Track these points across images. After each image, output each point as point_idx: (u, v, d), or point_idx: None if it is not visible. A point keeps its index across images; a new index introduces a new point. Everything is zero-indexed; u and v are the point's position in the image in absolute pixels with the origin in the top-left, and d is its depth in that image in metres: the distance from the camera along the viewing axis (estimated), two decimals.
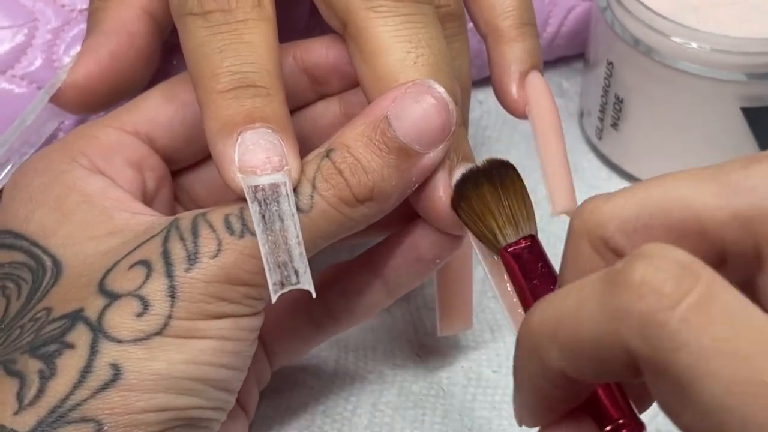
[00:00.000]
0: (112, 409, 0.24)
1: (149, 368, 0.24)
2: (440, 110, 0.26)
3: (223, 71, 0.25)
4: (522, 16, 0.31)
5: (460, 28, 0.30)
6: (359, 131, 0.26)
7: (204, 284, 0.25)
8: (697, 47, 0.38)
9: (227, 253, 0.25)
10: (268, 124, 0.25)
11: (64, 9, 0.38)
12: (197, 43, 0.26)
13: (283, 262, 0.25)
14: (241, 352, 0.26)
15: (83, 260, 0.26)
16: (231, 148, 0.25)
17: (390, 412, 0.34)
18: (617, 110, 0.41)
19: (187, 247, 0.25)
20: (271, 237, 0.25)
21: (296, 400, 0.35)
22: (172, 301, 0.25)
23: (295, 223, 0.25)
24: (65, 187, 0.28)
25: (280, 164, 0.25)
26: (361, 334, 0.37)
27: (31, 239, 0.27)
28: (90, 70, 0.31)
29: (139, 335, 0.25)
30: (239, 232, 0.25)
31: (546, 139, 0.30)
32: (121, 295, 0.25)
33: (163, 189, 0.31)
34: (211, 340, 0.25)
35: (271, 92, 0.26)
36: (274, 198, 0.25)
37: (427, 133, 0.26)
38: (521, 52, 0.30)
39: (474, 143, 0.45)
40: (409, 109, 0.25)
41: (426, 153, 0.26)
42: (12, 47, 0.37)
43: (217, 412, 0.27)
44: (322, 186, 0.26)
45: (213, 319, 0.25)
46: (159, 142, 0.30)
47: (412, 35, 0.26)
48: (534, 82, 0.30)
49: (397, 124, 0.25)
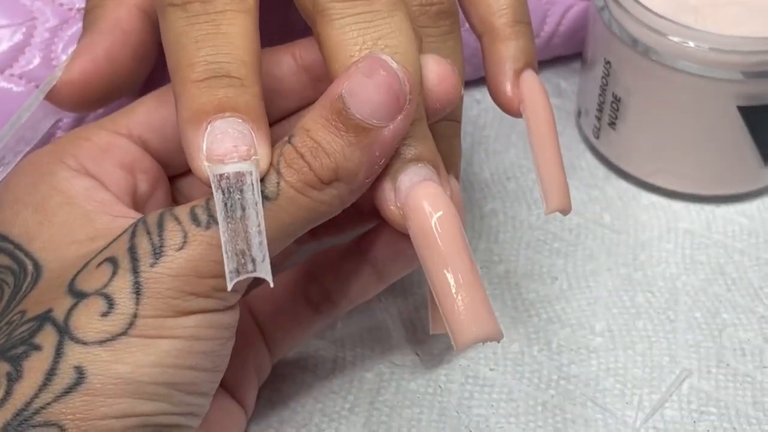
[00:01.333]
0: (74, 413, 0.23)
1: (113, 372, 0.24)
2: (391, 81, 0.25)
3: (198, 61, 0.25)
4: (516, 14, 0.31)
5: (453, 26, 0.30)
6: (317, 113, 0.26)
7: (170, 278, 0.25)
8: (695, 47, 0.38)
9: (193, 245, 0.25)
10: (239, 114, 0.25)
11: (63, 8, 0.38)
12: (175, 33, 0.26)
13: (241, 250, 0.24)
14: (212, 351, 0.26)
15: (62, 264, 0.26)
16: (200, 136, 0.25)
17: (387, 411, 0.34)
18: (615, 110, 0.41)
19: (153, 241, 0.25)
20: (232, 225, 0.24)
21: (294, 399, 0.35)
22: (137, 298, 0.24)
23: (258, 212, 0.24)
24: (50, 187, 0.28)
25: (247, 153, 0.25)
26: (359, 332, 0.37)
27: (15, 242, 0.27)
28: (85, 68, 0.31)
29: (104, 336, 0.24)
30: (205, 223, 0.25)
31: (540, 137, 0.30)
32: (88, 294, 0.25)
33: (158, 191, 0.31)
34: (180, 339, 0.25)
35: (245, 83, 0.25)
36: (238, 187, 0.24)
37: (381, 107, 0.25)
38: (516, 50, 0.30)
39: (471, 142, 0.45)
40: (360, 85, 0.25)
41: (385, 126, 0.25)
42: (10, 46, 0.37)
43: (187, 418, 0.26)
44: (285, 172, 0.25)
45: (181, 315, 0.25)
46: (153, 144, 0.30)
47: (358, 37, 0.26)
48: (528, 81, 0.30)
49: (351, 101, 0.25)
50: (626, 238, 0.41)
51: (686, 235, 0.41)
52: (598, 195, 0.42)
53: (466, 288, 0.26)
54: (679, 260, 0.40)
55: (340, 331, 0.37)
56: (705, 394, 0.35)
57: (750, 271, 0.39)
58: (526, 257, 0.40)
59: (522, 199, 0.42)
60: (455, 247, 0.26)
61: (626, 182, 0.43)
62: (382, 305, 0.38)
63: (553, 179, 0.30)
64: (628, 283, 0.39)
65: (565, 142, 0.45)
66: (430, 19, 0.29)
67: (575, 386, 0.35)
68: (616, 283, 0.39)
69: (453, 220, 0.26)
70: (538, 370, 0.36)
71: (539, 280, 0.39)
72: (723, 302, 0.38)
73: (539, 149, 0.30)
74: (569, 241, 0.40)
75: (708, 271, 0.39)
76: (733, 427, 0.34)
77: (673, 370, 0.36)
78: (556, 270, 0.39)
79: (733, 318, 0.37)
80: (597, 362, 0.36)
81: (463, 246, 0.26)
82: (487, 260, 0.39)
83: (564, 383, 0.35)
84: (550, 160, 0.30)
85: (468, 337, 0.25)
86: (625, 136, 0.42)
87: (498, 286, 0.39)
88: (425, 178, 0.27)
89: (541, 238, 0.40)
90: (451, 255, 0.26)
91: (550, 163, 0.30)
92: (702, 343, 0.37)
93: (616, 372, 0.36)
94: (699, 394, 0.35)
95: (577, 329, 0.37)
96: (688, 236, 0.41)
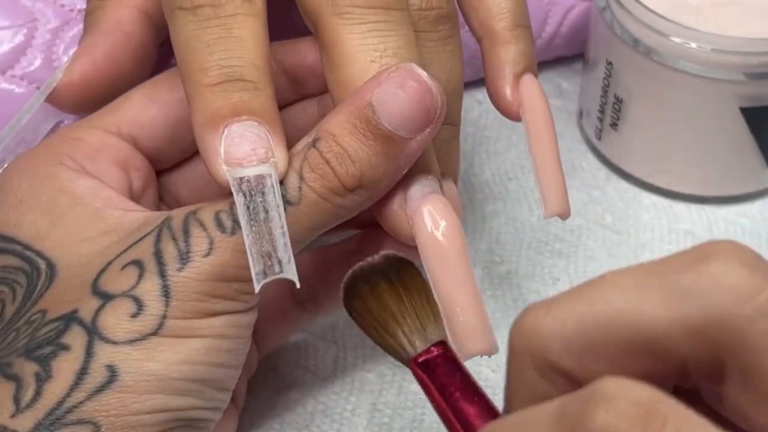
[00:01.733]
0: (108, 411, 0.24)
1: (145, 369, 0.24)
2: (424, 95, 0.25)
3: (211, 65, 0.25)
4: (516, 18, 0.31)
5: (452, 31, 0.30)
6: (344, 118, 0.26)
7: (197, 282, 0.25)
8: (697, 47, 0.38)
9: (219, 251, 0.25)
10: (255, 117, 0.25)
11: (64, 9, 0.38)
12: (186, 37, 0.26)
13: (267, 252, 0.24)
14: (236, 349, 0.26)
15: (77, 261, 0.26)
16: (217, 140, 0.25)
17: (389, 412, 0.34)
18: (616, 110, 0.41)
19: (179, 247, 0.25)
20: (255, 227, 0.25)
21: (295, 400, 0.35)
22: (167, 301, 0.25)
23: (280, 214, 0.25)
24: (55, 190, 0.28)
25: (266, 156, 0.25)
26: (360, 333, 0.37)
27: (24, 243, 0.27)
28: (85, 70, 0.31)
29: (135, 336, 0.25)
30: (230, 229, 0.25)
31: (539, 141, 0.30)
32: (114, 296, 0.25)
33: (150, 189, 0.31)
34: (207, 339, 0.25)
35: (258, 86, 0.26)
36: (259, 189, 0.25)
37: (412, 119, 0.25)
38: (515, 54, 0.30)
39: (473, 143, 0.45)
40: (392, 95, 0.25)
41: (412, 138, 0.25)
42: (12, 47, 0.37)
43: (213, 412, 0.27)
44: (309, 177, 0.25)
45: (208, 317, 0.25)
46: (142, 142, 0.30)
47: (379, 44, 0.26)
48: (528, 85, 0.30)
49: (382, 111, 0.25)
50: (627, 239, 0.40)
51: (687, 236, 0.41)
52: (600, 196, 0.42)
53: (470, 306, 0.26)
54: None
55: (341, 331, 0.37)
56: None
57: None
58: (527, 258, 0.40)
59: (523, 200, 0.42)
60: (461, 263, 0.26)
61: (628, 183, 0.43)
62: None
63: (552, 184, 0.30)
64: None
65: (566, 142, 0.45)
66: (429, 23, 0.29)
67: None
68: None
69: (459, 234, 0.27)
70: None
71: (541, 281, 0.39)
72: None
73: (538, 154, 0.30)
74: (571, 242, 0.40)
75: None
76: None
77: None
78: (558, 271, 0.39)
79: None
80: None
81: (467, 260, 0.27)
82: (488, 261, 0.39)
83: None
84: (548, 164, 0.30)
85: (470, 353, 0.26)
86: (627, 136, 0.42)
87: (499, 287, 0.38)
88: (433, 191, 0.27)
89: (542, 239, 0.40)
90: (458, 271, 0.26)
91: (549, 168, 0.30)
92: None
93: None
94: None
95: None
96: (689, 237, 0.41)
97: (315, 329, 0.37)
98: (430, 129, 0.26)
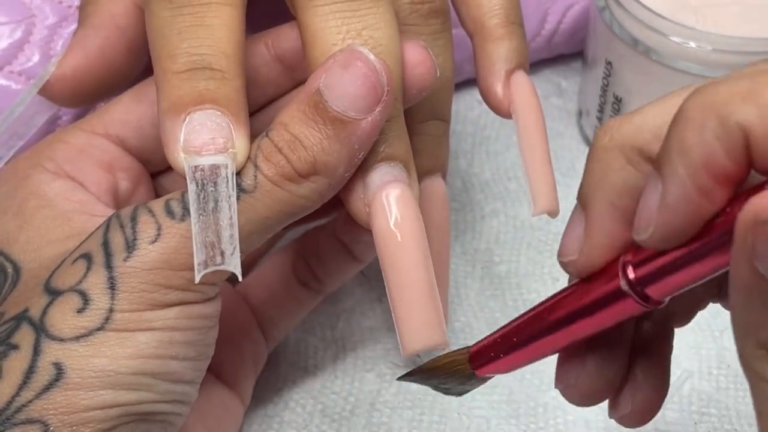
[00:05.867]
0: (56, 408, 0.24)
1: (92, 365, 0.24)
2: (368, 73, 0.25)
3: (180, 52, 0.25)
4: (509, 15, 0.30)
5: (443, 25, 0.30)
6: (295, 107, 0.25)
7: (144, 272, 0.24)
8: (696, 47, 0.38)
9: (167, 237, 0.25)
10: (218, 107, 0.25)
11: (62, 5, 0.38)
12: (159, 24, 0.26)
13: (211, 242, 0.24)
14: (194, 341, 0.26)
15: (40, 264, 0.26)
16: (178, 127, 0.25)
17: (388, 412, 0.34)
18: (616, 110, 0.41)
19: (126, 235, 0.25)
20: (204, 217, 0.24)
21: (294, 399, 0.35)
22: (113, 293, 0.24)
23: (231, 205, 0.24)
24: (27, 192, 0.28)
25: (224, 146, 0.25)
26: (360, 333, 0.37)
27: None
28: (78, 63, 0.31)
29: (81, 332, 0.24)
30: (180, 215, 0.25)
31: (529, 139, 0.30)
32: (62, 292, 0.25)
33: (140, 189, 0.31)
34: (157, 331, 0.25)
35: (227, 76, 0.25)
36: (212, 179, 0.24)
37: (359, 98, 0.25)
38: (507, 51, 0.30)
39: (473, 142, 0.45)
40: (338, 77, 0.25)
41: (363, 118, 0.25)
42: (10, 43, 0.37)
43: (173, 405, 0.26)
44: (263, 165, 0.25)
45: (158, 308, 0.25)
46: (130, 142, 0.30)
47: (342, 26, 0.26)
48: (519, 82, 0.30)
49: (329, 94, 0.25)
50: None
51: None
52: None
53: (414, 303, 0.26)
54: None
55: (341, 331, 0.37)
56: (706, 395, 0.35)
57: None
58: (527, 257, 0.39)
59: (523, 200, 0.42)
60: (413, 256, 0.26)
61: None
62: (383, 305, 0.38)
63: (541, 181, 0.30)
64: None
65: (566, 142, 0.45)
66: (421, 17, 0.29)
67: None
68: None
69: (415, 226, 0.26)
70: (540, 371, 0.35)
71: (540, 281, 0.39)
72: None
73: (528, 151, 0.30)
74: None
75: None
76: (734, 429, 0.34)
77: (674, 372, 0.35)
78: (558, 270, 0.39)
79: None
80: None
81: (421, 254, 0.26)
82: (488, 260, 0.39)
83: None
84: (538, 161, 0.30)
85: (407, 351, 0.26)
86: None
87: (499, 287, 0.38)
88: (396, 179, 0.26)
89: (542, 238, 0.40)
90: (408, 263, 0.26)
91: (539, 165, 0.30)
92: (703, 345, 0.36)
93: None
94: (700, 396, 0.35)
95: None
96: None
97: (315, 329, 0.37)
98: (380, 108, 0.25)
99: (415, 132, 0.30)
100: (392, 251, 0.26)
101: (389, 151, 0.26)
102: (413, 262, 0.26)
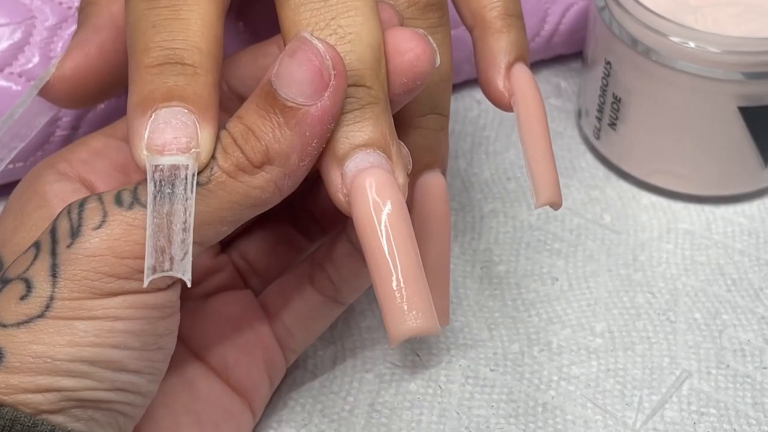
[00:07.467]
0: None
1: (31, 351, 0.24)
2: (312, 57, 0.24)
3: (153, 46, 0.25)
4: (508, 8, 0.30)
5: (441, 20, 0.30)
6: (250, 99, 0.25)
7: (86, 258, 0.24)
8: (696, 47, 0.38)
9: (112, 225, 0.24)
10: (186, 104, 0.25)
11: (62, 6, 0.38)
12: (136, 17, 0.26)
13: (161, 246, 0.24)
14: (137, 331, 0.25)
15: None
16: (143, 124, 0.24)
17: (387, 412, 0.34)
18: (615, 110, 0.41)
19: (72, 221, 0.25)
20: (157, 220, 0.24)
21: (293, 399, 0.35)
22: (54, 281, 0.24)
23: (186, 209, 0.24)
24: (32, 192, 0.28)
25: (186, 146, 0.24)
26: (359, 333, 0.37)
27: None
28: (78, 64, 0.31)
29: (22, 318, 0.24)
30: (128, 204, 0.25)
31: (531, 131, 0.30)
32: (11, 280, 0.25)
33: None
34: (98, 320, 0.24)
35: (198, 71, 0.25)
36: (170, 180, 0.24)
37: (304, 83, 0.25)
38: (507, 43, 0.30)
39: (472, 142, 0.45)
40: (285, 65, 0.25)
41: (311, 104, 0.25)
42: (10, 45, 0.37)
43: (117, 394, 0.26)
44: (220, 157, 0.25)
45: (101, 297, 0.24)
46: None
47: (311, 18, 0.26)
48: (519, 74, 0.30)
49: (278, 82, 0.25)
50: (626, 239, 0.40)
51: (686, 235, 0.41)
52: (599, 195, 0.42)
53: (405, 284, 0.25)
54: (679, 261, 0.40)
55: (340, 331, 0.37)
56: (705, 395, 0.35)
57: (750, 272, 0.39)
58: (526, 257, 0.40)
59: (522, 200, 0.42)
60: (396, 241, 0.25)
61: (626, 183, 0.43)
62: None
63: (544, 173, 0.29)
64: (628, 284, 0.39)
65: (565, 142, 0.45)
66: (418, 11, 0.29)
67: (575, 387, 0.35)
68: (616, 283, 0.39)
69: (397, 211, 0.25)
70: (539, 370, 0.36)
71: (539, 281, 0.39)
72: (723, 303, 0.38)
73: (529, 143, 0.30)
74: (569, 242, 0.40)
75: (708, 271, 0.39)
76: (733, 429, 0.34)
77: (673, 371, 0.36)
78: (557, 270, 0.39)
79: (733, 319, 0.37)
80: (597, 363, 0.36)
81: (406, 239, 0.25)
82: (487, 260, 0.39)
83: (564, 384, 0.35)
84: (540, 153, 0.30)
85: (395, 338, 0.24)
86: (626, 136, 0.42)
87: (498, 287, 0.38)
88: (373, 165, 0.25)
89: (541, 238, 0.40)
90: (388, 248, 0.25)
91: (541, 157, 0.30)
92: (702, 344, 0.36)
93: (616, 373, 0.35)
94: (699, 395, 0.35)
95: (577, 330, 0.37)
96: (688, 237, 0.41)
97: None
98: (329, 93, 0.25)
99: (413, 126, 0.30)
100: (369, 236, 0.25)
101: (365, 138, 0.26)
102: (392, 247, 0.25)
